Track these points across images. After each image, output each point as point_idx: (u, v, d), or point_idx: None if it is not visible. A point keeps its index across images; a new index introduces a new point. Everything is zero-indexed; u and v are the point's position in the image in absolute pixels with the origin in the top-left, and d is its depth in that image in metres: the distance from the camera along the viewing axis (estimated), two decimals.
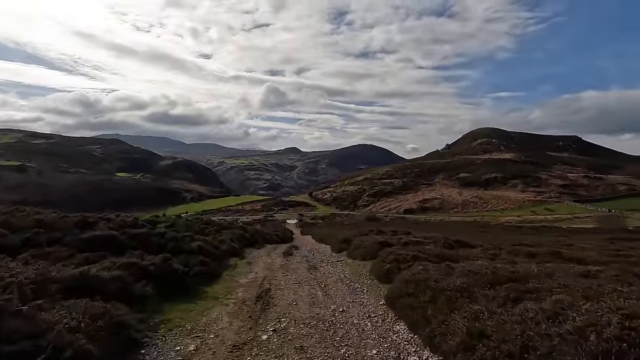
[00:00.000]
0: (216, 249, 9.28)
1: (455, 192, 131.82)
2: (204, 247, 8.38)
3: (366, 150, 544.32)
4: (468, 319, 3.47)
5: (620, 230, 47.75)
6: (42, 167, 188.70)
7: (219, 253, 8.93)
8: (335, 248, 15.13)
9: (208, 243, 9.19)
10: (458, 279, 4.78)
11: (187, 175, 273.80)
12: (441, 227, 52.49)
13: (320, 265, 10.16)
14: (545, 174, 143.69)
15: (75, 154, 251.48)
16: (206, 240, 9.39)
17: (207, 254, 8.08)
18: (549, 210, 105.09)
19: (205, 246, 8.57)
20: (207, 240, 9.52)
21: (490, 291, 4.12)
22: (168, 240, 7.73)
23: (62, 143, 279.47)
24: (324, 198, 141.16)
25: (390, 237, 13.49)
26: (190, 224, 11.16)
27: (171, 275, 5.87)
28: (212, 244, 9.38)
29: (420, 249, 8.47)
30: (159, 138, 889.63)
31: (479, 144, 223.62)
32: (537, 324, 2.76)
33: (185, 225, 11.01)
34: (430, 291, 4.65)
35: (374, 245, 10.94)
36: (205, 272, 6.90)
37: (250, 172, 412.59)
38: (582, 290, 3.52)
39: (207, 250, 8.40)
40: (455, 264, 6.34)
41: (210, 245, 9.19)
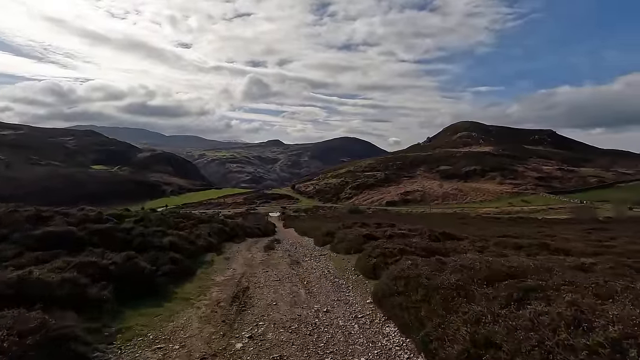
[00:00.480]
0: (191, 244, 8.64)
1: (436, 185, 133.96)
2: (176, 242, 7.74)
3: (349, 143, 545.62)
4: (469, 322, 3.07)
5: (591, 220, 49.55)
6: (10, 159, 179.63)
7: (193, 249, 8.30)
8: (319, 241, 14.70)
9: (182, 238, 8.54)
10: (452, 275, 4.38)
11: (167, 168, 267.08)
12: (423, 219, 53.05)
13: (302, 260, 9.69)
14: (522, 167, 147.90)
15: (47, 145, 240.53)
16: (180, 236, 8.72)
17: (180, 250, 7.45)
18: (525, 201, 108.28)
19: (179, 242, 7.92)
20: (182, 236, 8.85)
21: (489, 289, 3.74)
22: (135, 236, 7.02)
23: (32, 134, 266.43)
24: (307, 191, 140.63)
25: (374, 229, 13.15)
26: (164, 218, 10.43)
27: (136, 275, 5.25)
28: (187, 239, 8.74)
29: (406, 242, 8.12)
30: (137, 130, 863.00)
31: (459, 137, 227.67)
32: (554, 332, 2.36)
33: (158, 220, 10.27)
34: (423, 289, 4.23)
35: (359, 238, 10.56)
36: (177, 270, 6.29)
37: (232, 165, 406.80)
38: (591, 288, 3.18)
39: (181, 246, 7.76)
40: (446, 258, 5.98)
41: (185, 240, 8.54)
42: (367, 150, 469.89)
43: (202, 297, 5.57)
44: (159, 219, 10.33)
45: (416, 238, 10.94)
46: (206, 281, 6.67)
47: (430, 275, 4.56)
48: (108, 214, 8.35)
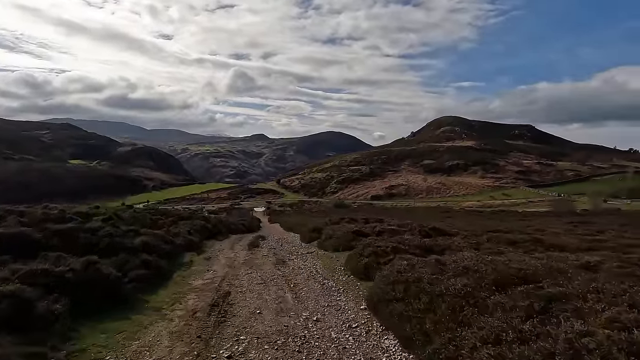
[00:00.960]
0: (168, 244, 7.96)
1: (420, 179, 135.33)
2: (150, 243, 7.04)
3: (334, 138, 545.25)
4: (487, 340, 2.60)
5: (569, 213, 50.81)
6: None
7: (170, 249, 7.62)
8: (305, 238, 14.18)
9: (158, 238, 7.84)
10: (457, 279, 3.92)
11: (148, 162, 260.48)
12: (408, 212, 53.23)
13: (289, 259, 9.15)
14: (503, 161, 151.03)
15: (21, 139, 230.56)
16: (155, 235, 8.01)
17: (154, 251, 6.78)
18: (506, 195, 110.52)
19: (153, 242, 7.22)
20: (157, 235, 8.14)
21: (501, 296, 3.29)
22: (102, 237, 6.30)
23: (5, 127, 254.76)
24: (292, 185, 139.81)
25: (363, 225, 12.72)
26: (139, 216, 9.67)
27: (99, 283, 4.59)
28: (164, 239, 8.04)
29: (399, 239, 7.69)
30: (117, 123, 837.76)
31: (443, 132, 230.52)
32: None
33: (132, 218, 9.49)
34: (426, 296, 3.76)
35: (347, 234, 10.09)
36: (149, 275, 5.63)
37: (216, 159, 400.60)
38: (625, 296, 2.76)
39: (155, 246, 7.07)
40: (443, 257, 5.55)
41: (161, 240, 7.84)
42: (353, 144, 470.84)
43: (176, 306, 4.95)
44: (132, 217, 9.55)
45: (406, 234, 10.56)
46: (183, 286, 6.04)
47: (432, 280, 4.09)
48: (73, 213, 7.56)
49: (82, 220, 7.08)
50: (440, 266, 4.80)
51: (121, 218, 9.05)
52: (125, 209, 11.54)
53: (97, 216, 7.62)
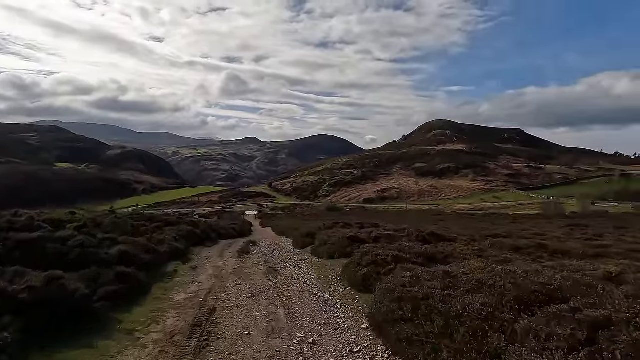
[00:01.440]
0: (150, 253, 7.32)
1: (412, 182, 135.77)
2: (129, 252, 6.39)
3: (326, 141, 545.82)
4: None
5: (559, 215, 51.18)
6: None
7: (151, 259, 6.98)
8: (298, 243, 13.63)
9: (138, 246, 7.19)
10: (473, 296, 3.43)
11: (138, 165, 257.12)
12: (401, 216, 53.03)
13: (281, 267, 8.59)
14: (493, 164, 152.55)
15: (7, 142, 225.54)
16: (136, 243, 7.36)
17: (133, 261, 6.15)
18: (497, 197, 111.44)
19: (133, 251, 6.58)
20: (138, 243, 7.49)
21: (531, 320, 2.80)
22: (73, 247, 5.64)
23: None
24: (284, 189, 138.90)
25: (358, 230, 12.23)
26: (119, 222, 8.98)
27: (63, 302, 3.99)
28: (145, 247, 7.40)
29: (399, 247, 7.19)
30: (107, 126, 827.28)
31: (434, 136, 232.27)
32: None
33: (112, 224, 8.81)
34: (440, 317, 3.26)
35: (343, 240, 9.58)
36: (124, 290, 5.01)
37: (208, 163, 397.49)
38: None
39: (134, 256, 6.44)
40: (450, 268, 5.06)
41: (142, 248, 7.21)
42: (345, 148, 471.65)
43: (153, 328, 4.34)
44: (112, 223, 8.86)
45: (404, 240, 10.09)
46: (162, 302, 5.43)
47: (445, 297, 3.59)
48: (43, 220, 6.87)
49: (52, 228, 6.41)
50: (450, 279, 4.31)
51: (99, 225, 8.36)
52: (107, 214, 10.82)
53: (72, 223, 6.94)
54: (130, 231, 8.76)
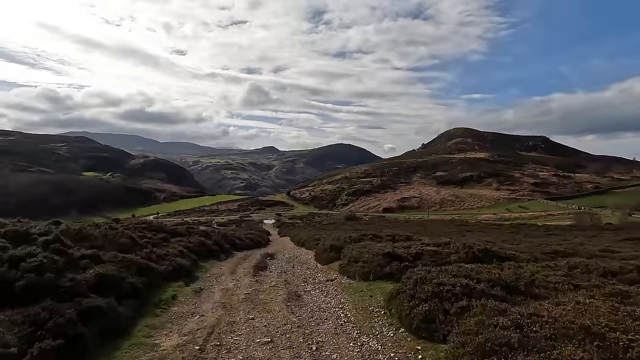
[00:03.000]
0: (143, 273, 5.85)
1: (432, 191, 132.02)
2: (109, 275, 4.91)
3: (344, 150, 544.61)
4: None
5: (594, 227, 47.52)
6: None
7: (142, 282, 5.50)
8: (321, 258, 12.02)
9: (127, 265, 5.71)
10: None
11: (160, 174, 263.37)
12: (423, 226, 50.74)
13: (304, 290, 7.02)
14: (518, 173, 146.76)
15: (38, 152, 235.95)
16: (126, 261, 5.86)
17: (113, 288, 4.70)
18: (523, 207, 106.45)
19: (117, 273, 5.11)
20: (130, 261, 6.00)
21: None
22: (25, 271, 4.19)
23: (23, 141, 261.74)
24: (302, 197, 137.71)
25: (392, 244, 10.52)
26: (110, 235, 7.52)
27: None
28: (138, 266, 5.95)
29: (461, 271, 5.43)
30: (131, 136, 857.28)
31: (454, 144, 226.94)
32: None
33: (101, 237, 7.35)
34: None
35: (378, 258, 7.92)
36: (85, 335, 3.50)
37: (227, 172, 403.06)
38: None
39: (117, 280, 4.95)
40: (551, 306, 3.34)
41: (132, 268, 5.73)
42: (362, 156, 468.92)
43: None
44: (102, 235, 7.44)
45: (452, 257, 8.32)
46: (142, 353, 3.90)
47: None
48: (2, 234, 5.56)
49: (7, 244, 5.03)
50: (602, 345, 2.59)
51: (84, 238, 6.98)
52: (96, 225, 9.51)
53: (40, 237, 5.61)
54: (127, 245, 7.40)
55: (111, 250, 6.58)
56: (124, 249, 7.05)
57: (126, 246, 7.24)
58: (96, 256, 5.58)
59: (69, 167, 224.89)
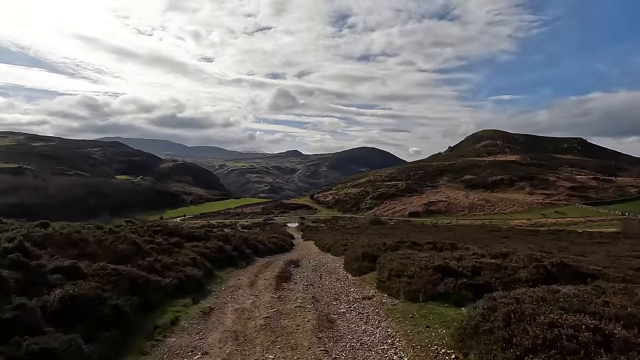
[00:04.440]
0: (139, 290, 4.65)
1: (461, 195, 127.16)
2: (84, 296, 3.65)
3: (367, 153, 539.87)
4: None
5: None
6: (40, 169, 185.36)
7: (132, 303, 4.26)
8: (352, 267, 10.57)
9: (116, 281, 4.49)
10: None
11: (187, 177, 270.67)
12: (452, 231, 48.26)
13: (337, 313, 5.62)
14: (553, 176, 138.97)
15: (75, 156, 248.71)
16: (114, 275, 4.63)
17: (86, 314, 3.48)
18: (559, 213, 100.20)
19: (95, 292, 3.84)
20: (117, 275, 4.77)
21: None
22: None
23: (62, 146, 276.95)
24: (326, 201, 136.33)
25: (436, 253, 8.94)
26: (105, 239, 6.30)
27: None
28: (131, 281, 4.73)
29: (574, 297, 3.83)
30: (161, 141, 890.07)
31: (483, 146, 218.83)
32: None
33: (95, 242, 6.13)
34: None
35: (428, 272, 6.40)
36: None
37: (252, 175, 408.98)
38: None
39: (102, 300, 3.77)
40: None
41: (124, 283, 4.53)
42: (387, 160, 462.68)
43: None
44: (96, 241, 6.22)
45: (522, 272, 6.66)
46: None
47: None
48: None
49: None
50: None
51: (71, 244, 5.88)
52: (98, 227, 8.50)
53: (9, 242, 4.55)
54: (127, 252, 6.26)
55: (106, 259, 5.46)
56: (123, 257, 5.91)
57: (126, 254, 6.10)
58: (74, 269, 4.41)
59: (103, 171, 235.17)
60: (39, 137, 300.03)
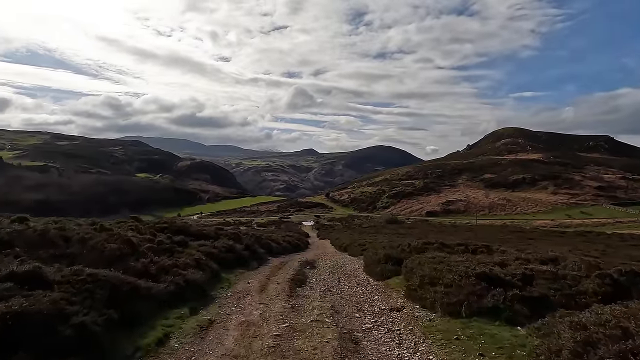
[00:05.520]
0: (121, 300, 3.74)
1: (480, 194, 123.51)
2: (32, 314, 2.51)
3: (383, 152, 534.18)
4: None
5: None
6: (65, 167, 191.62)
7: (104, 321, 3.30)
8: (373, 270, 9.54)
9: (90, 290, 3.50)
10: None
11: (205, 176, 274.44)
12: (472, 231, 46.43)
13: (362, 330, 4.65)
14: (578, 175, 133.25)
15: (97, 155, 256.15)
16: (88, 282, 3.61)
17: (34, 339, 2.54)
18: (585, 213, 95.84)
19: (55, 308, 2.78)
20: (93, 282, 3.78)
21: None
22: None
23: (85, 145, 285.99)
24: (341, 199, 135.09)
25: (469, 255, 7.82)
26: (91, 238, 5.31)
27: None
28: (114, 288, 3.81)
29: None
30: (180, 140, 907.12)
31: (504, 144, 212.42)
32: None
33: (78, 241, 5.16)
34: None
35: (470, 280, 5.34)
36: None
37: (267, 174, 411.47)
38: None
39: (52, 320, 2.76)
40: None
41: (101, 293, 3.59)
42: (403, 158, 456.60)
43: None
44: (79, 240, 5.23)
45: (586, 282, 5.50)
46: None
47: None
48: None
49: None
50: None
51: (48, 243, 5.03)
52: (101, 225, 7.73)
53: None
54: (118, 253, 5.42)
55: (90, 261, 4.64)
56: (112, 259, 5.07)
57: (116, 255, 5.26)
58: (35, 275, 3.54)
59: (124, 169, 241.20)
60: (64, 137, 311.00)
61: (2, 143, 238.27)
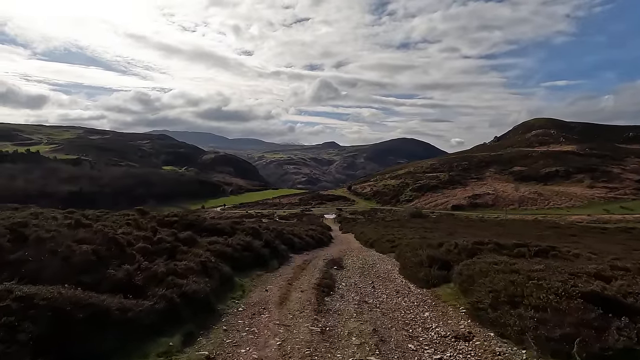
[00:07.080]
0: (78, 335, 2.51)
1: (510, 187, 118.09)
2: None
3: (406, 144, 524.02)
4: None
5: None
6: (96, 160, 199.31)
7: None
8: (413, 275, 8.00)
9: (13, 323, 2.30)
10: None
11: (228, 168, 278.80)
12: (502, 226, 43.70)
13: None
14: (618, 168, 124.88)
15: (126, 148, 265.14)
16: (9, 316, 2.42)
17: None
18: (626, 208, 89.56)
19: None
20: (31, 308, 2.51)
21: None
22: None
23: (115, 139, 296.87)
24: (364, 192, 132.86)
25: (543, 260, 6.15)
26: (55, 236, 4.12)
27: None
28: (57, 316, 2.56)
29: None
30: (205, 134, 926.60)
31: (534, 136, 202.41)
32: None
33: (34, 241, 3.95)
34: None
35: (575, 304, 3.75)
36: None
37: (289, 167, 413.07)
38: None
39: None
40: None
41: (34, 323, 2.37)
42: (427, 151, 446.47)
43: None
44: (35, 240, 4.08)
45: None
46: None
47: None
48: None
49: None
50: None
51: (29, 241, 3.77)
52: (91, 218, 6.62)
53: None
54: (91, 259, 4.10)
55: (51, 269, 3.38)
56: (85, 265, 3.79)
57: (90, 260, 3.93)
58: None
59: (151, 162, 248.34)
60: (95, 131, 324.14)
61: (39, 137, 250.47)
